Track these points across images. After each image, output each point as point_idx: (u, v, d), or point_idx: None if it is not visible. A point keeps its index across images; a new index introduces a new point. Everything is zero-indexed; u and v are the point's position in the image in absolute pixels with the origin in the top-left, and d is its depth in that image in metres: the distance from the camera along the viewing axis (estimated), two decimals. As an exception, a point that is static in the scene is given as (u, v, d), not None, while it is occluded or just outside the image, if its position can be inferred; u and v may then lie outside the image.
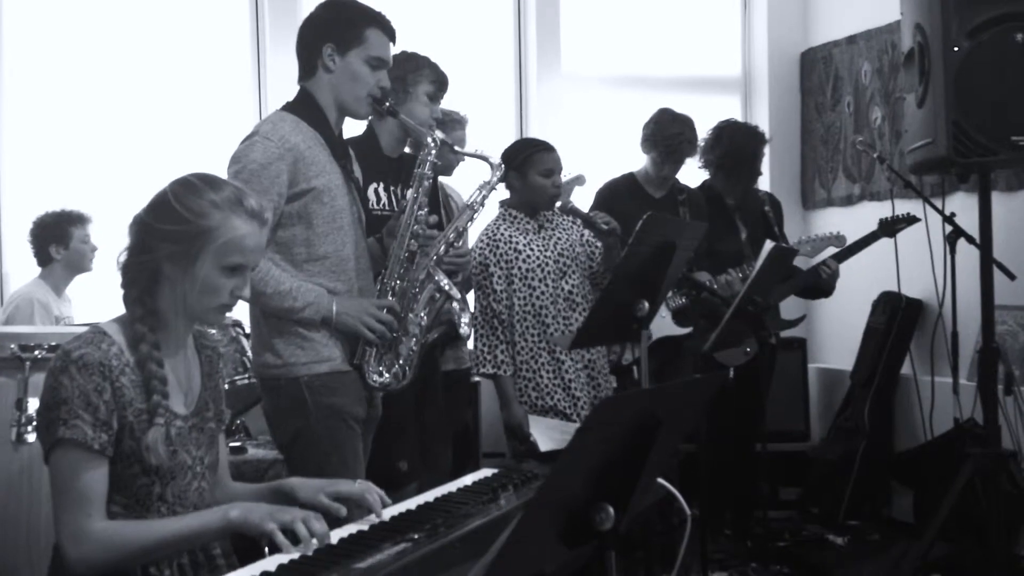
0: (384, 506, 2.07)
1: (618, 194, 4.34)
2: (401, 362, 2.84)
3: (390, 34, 2.86)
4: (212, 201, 1.95)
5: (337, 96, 2.83)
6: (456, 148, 3.32)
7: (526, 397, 3.70)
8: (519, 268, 3.72)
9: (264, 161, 2.67)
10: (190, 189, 1.97)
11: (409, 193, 2.93)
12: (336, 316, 2.74)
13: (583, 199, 4.48)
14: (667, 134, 4.28)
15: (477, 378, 4.18)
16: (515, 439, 3.70)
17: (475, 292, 3.74)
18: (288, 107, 2.84)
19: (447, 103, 4.20)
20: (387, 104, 2.90)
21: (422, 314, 2.90)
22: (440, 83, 3.48)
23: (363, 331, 2.77)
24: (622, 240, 3.51)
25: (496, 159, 3.21)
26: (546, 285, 3.72)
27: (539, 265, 3.73)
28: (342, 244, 2.80)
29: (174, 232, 1.94)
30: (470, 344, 3.69)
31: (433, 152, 2.95)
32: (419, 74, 3.44)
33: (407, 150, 3.61)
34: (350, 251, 2.82)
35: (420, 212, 2.90)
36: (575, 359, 3.73)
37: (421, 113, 3.39)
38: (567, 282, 3.76)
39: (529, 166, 3.75)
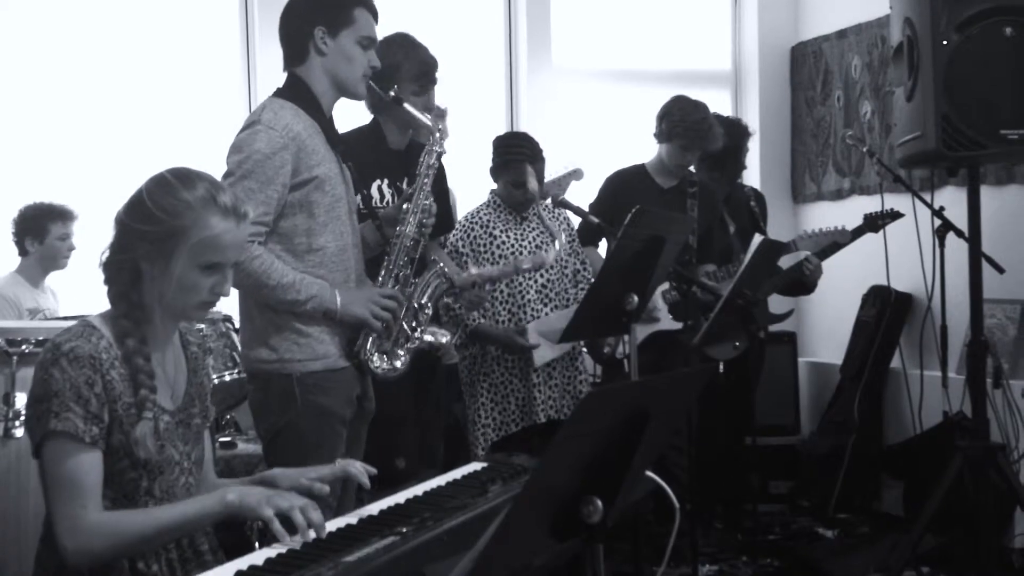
0: (369, 478, 2.08)
1: (626, 184, 4.31)
2: (400, 351, 2.83)
3: (374, 13, 2.86)
4: (184, 200, 1.94)
5: (334, 79, 2.80)
6: (540, 210, 3.45)
7: (486, 381, 3.73)
8: (492, 254, 3.73)
9: (268, 151, 2.63)
10: (163, 187, 1.96)
11: (417, 180, 2.92)
12: (342, 307, 2.72)
13: (581, 187, 4.46)
14: (693, 120, 4.22)
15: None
16: (519, 351, 3.71)
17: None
18: (282, 94, 2.79)
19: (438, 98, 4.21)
20: (392, 94, 2.89)
21: (423, 300, 2.89)
22: (423, 75, 3.40)
23: (370, 320, 2.75)
24: (611, 232, 3.51)
25: (560, 240, 3.46)
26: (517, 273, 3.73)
27: (513, 253, 3.74)
28: (341, 233, 2.78)
29: (148, 232, 1.94)
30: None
31: (439, 143, 2.95)
32: (398, 72, 3.36)
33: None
34: (349, 239, 2.81)
35: (426, 202, 2.90)
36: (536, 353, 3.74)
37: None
38: (542, 275, 3.77)
39: (504, 170, 3.75)
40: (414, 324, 2.86)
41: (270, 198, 2.64)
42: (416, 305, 2.88)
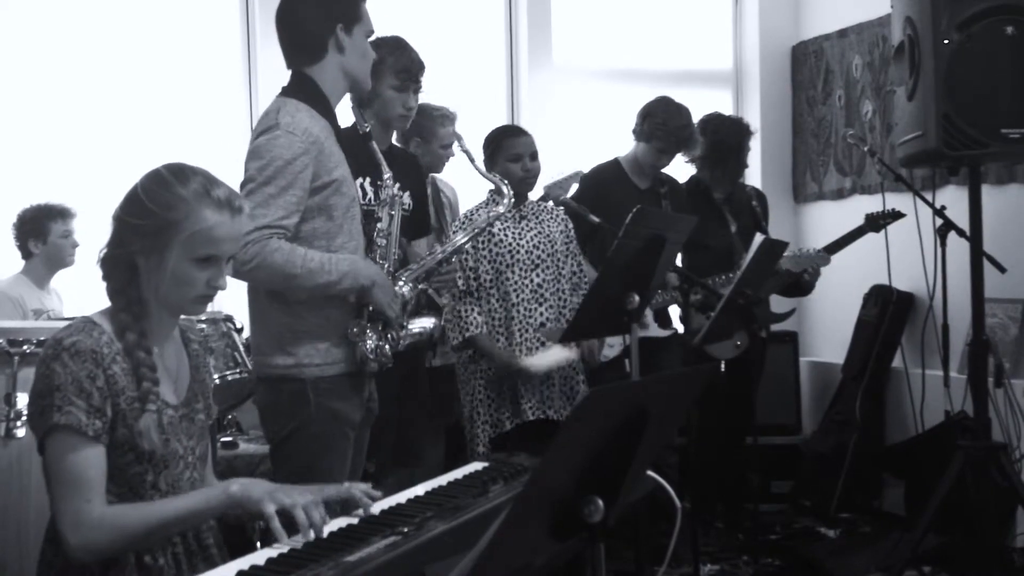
0: (373, 500, 2.07)
1: (605, 181, 4.31)
2: (388, 348, 2.81)
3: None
4: (178, 193, 1.95)
5: (350, 76, 2.79)
6: (479, 168, 3.43)
7: (483, 379, 3.73)
8: (489, 251, 3.73)
9: (289, 156, 2.61)
10: (158, 182, 1.98)
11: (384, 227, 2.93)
12: (373, 288, 2.70)
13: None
14: (675, 125, 4.22)
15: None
16: (511, 375, 3.69)
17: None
18: (293, 94, 2.75)
19: (439, 98, 4.21)
20: (368, 128, 2.96)
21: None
22: (404, 71, 3.38)
23: (388, 312, 2.75)
24: (610, 231, 3.51)
25: (508, 188, 3.37)
26: (512, 272, 3.73)
27: (510, 252, 3.74)
28: (357, 233, 2.79)
29: (142, 226, 1.95)
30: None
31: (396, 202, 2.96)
32: (382, 66, 3.33)
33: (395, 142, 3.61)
34: (360, 239, 2.82)
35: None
36: (533, 351, 3.73)
37: (392, 109, 3.35)
38: (538, 275, 3.77)
39: (498, 152, 3.76)
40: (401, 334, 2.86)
41: (289, 202, 2.62)
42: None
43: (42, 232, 4.50)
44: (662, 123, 4.23)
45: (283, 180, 2.60)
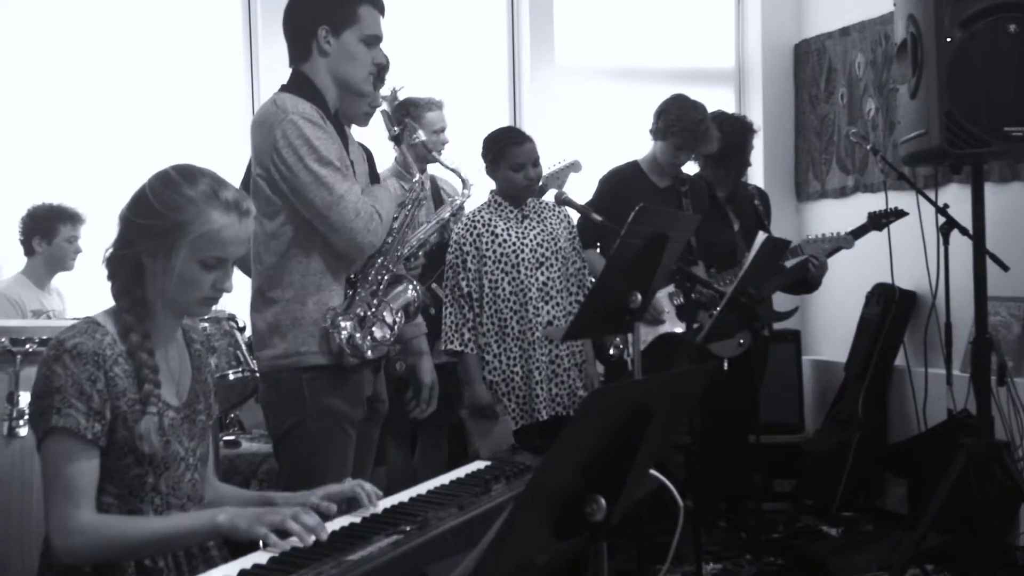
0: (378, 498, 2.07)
1: (624, 182, 4.31)
2: (371, 338, 2.79)
3: (380, 8, 2.83)
4: (186, 195, 1.95)
5: (338, 78, 2.79)
6: (440, 161, 3.37)
7: (486, 375, 3.72)
8: (493, 252, 3.73)
9: (310, 133, 2.64)
10: (166, 183, 1.98)
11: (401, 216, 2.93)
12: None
13: (582, 186, 4.46)
14: (690, 120, 4.22)
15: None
16: (479, 417, 3.71)
17: (447, 271, 3.76)
18: (289, 90, 2.77)
19: (440, 97, 4.21)
20: (396, 130, 2.99)
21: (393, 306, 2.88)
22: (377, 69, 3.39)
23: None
24: (613, 230, 3.51)
25: (469, 178, 3.35)
26: (518, 271, 3.73)
27: (515, 251, 3.74)
28: None
29: (150, 227, 1.95)
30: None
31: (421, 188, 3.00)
32: None
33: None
34: None
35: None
36: (542, 352, 3.73)
37: (359, 107, 3.22)
38: (543, 273, 3.77)
39: (500, 159, 3.76)
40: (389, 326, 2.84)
41: (336, 170, 2.67)
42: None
43: (49, 232, 4.51)
44: (677, 119, 4.23)
45: (323, 157, 2.65)
